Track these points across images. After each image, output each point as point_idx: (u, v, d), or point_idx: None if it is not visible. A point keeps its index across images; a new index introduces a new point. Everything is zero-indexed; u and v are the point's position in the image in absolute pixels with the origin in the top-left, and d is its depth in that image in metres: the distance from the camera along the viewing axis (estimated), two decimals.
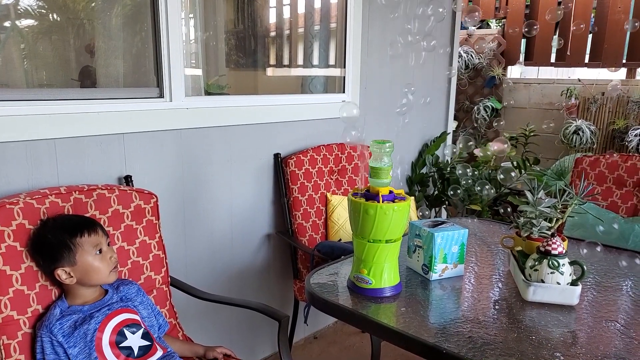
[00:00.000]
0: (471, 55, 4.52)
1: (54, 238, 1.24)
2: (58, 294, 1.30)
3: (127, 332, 1.27)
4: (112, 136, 1.61)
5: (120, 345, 1.25)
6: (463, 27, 4.56)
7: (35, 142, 1.44)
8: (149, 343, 1.30)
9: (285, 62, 3.09)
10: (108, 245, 1.32)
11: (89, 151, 1.56)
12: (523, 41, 4.50)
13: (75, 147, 1.53)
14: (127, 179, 1.64)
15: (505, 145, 2.68)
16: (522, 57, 4.54)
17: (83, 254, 1.24)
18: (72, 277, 1.24)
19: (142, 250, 1.49)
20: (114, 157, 1.63)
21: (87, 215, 1.38)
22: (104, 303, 1.29)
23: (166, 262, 1.57)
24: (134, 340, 1.28)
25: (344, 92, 2.47)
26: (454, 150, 2.97)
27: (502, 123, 3.88)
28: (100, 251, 1.27)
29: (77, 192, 1.37)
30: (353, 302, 1.22)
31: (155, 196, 1.55)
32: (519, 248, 1.35)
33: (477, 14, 2.15)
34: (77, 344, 1.21)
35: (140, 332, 1.30)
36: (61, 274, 1.23)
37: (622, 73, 4.10)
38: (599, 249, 1.52)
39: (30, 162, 1.44)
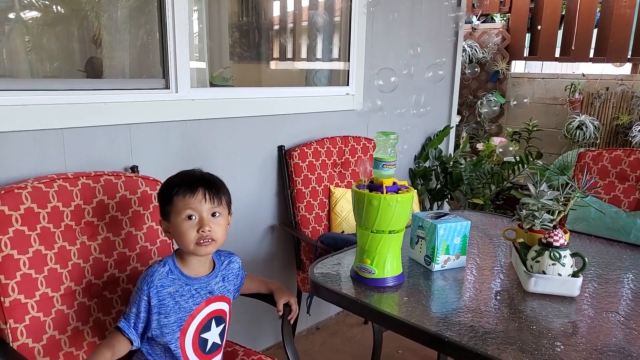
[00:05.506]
0: (475, 50, 4.51)
1: (164, 187, 1.23)
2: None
3: (212, 324, 1.26)
4: (118, 126, 1.63)
5: (200, 335, 1.23)
6: (467, 22, 4.55)
7: (43, 131, 1.45)
8: (220, 343, 1.29)
9: (289, 55, 3.10)
10: (213, 215, 1.19)
11: (96, 141, 1.58)
12: (527, 35, 4.48)
13: (82, 137, 1.54)
14: (133, 169, 1.65)
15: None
16: (526, 52, 4.52)
17: (175, 213, 1.16)
18: (169, 232, 1.20)
19: (149, 236, 1.50)
20: (121, 147, 1.64)
21: (96, 199, 1.38)
22: (209, 280, 1.25)
23: (173, 248, 1.58)
24: (213, 335, 1.26)
25: (348, 84, 2.47)
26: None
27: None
28: (190, 217, 1.16)
29: (84, 178, 1.39)
30: (356, 291, 1.23)
31: (161, 183, 1.56)
32: (521, 240, 1.36)
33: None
34: (168, 315, 1.17)
35: (221, 327, 1.28)
36: (162, 225, 1.22)
37: (626, 68, 4.09)
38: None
39: (38, 151, 1.45)
